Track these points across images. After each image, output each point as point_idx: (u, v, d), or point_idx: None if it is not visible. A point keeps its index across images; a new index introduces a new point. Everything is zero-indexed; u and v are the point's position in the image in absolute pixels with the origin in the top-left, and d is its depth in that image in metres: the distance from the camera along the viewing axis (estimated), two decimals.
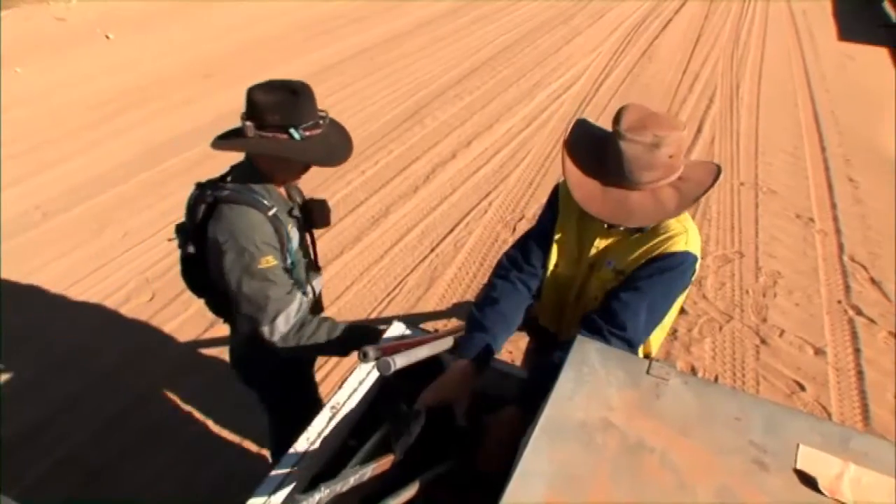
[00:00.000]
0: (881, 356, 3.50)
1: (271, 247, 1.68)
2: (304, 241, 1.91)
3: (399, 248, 4.17)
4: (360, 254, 4.10)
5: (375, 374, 1.56)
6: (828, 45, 9.69)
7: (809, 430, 1.17)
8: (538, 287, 1.68)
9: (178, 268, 3.62)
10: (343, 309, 3.62)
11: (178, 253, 1.84)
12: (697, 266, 1.53)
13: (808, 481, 1.09)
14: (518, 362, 3.24)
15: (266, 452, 2.72)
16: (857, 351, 3.53)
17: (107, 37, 8.11)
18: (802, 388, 3.25)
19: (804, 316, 3.77)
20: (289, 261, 1.77)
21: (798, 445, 1.13)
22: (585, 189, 1.42)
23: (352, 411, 1.53)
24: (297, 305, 1.73)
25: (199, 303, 3.52)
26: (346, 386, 1.54)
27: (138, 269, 3.91)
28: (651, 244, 1.49)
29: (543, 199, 4.91)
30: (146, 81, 6.80)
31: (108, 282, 3.80)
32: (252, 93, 1.62)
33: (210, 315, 2.00)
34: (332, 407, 1.50)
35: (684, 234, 1.48)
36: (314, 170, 1.81)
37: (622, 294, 1.49)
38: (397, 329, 1.74)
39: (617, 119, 1.41)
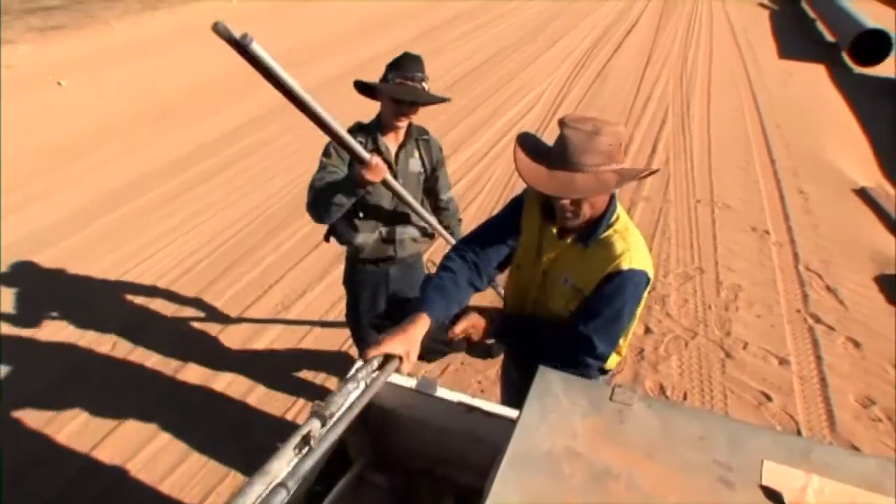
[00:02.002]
0: (841, 361, 3.58)
1: (338, 153, 2.28)
2: (399, 195, 2.33)
3: None
4: (327, 289, 4.07)
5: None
6: (769, 63, 10.08)
7: (772, 446, 1.19)
8: (489, 276, 1.82)
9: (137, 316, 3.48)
10: (320, 337, 3.59)
11: (137, 300, 1.83)
12: (648, 280, 1.61)
13: (774, 496, 1.10)
14: (487, 391, 3.24)
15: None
16: (818, 358, 3.60)
17: (59, 83, 8.00)
18: (769, 398, 3.30)
19: (766, 327, 3.84)
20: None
21: (762, 461, 1.15)
22: (534, 172, 1.54)
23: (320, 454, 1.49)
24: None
25: (164, 348, 3.47)
26: None
27: (72, 334, 3.78)
28: (600, 261, 1.59)
29: None
30: (101, 126, 6.71)
31: (67, 331, 3.69)
32: None
33: (177, 351, 1.95)
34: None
35: (628, 252, 1.57)
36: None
37: (586, 321, 1.60)
38: None
39: (564, 117, 1.58)
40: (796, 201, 5.48)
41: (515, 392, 1.85)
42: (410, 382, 1.55)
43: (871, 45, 9.70)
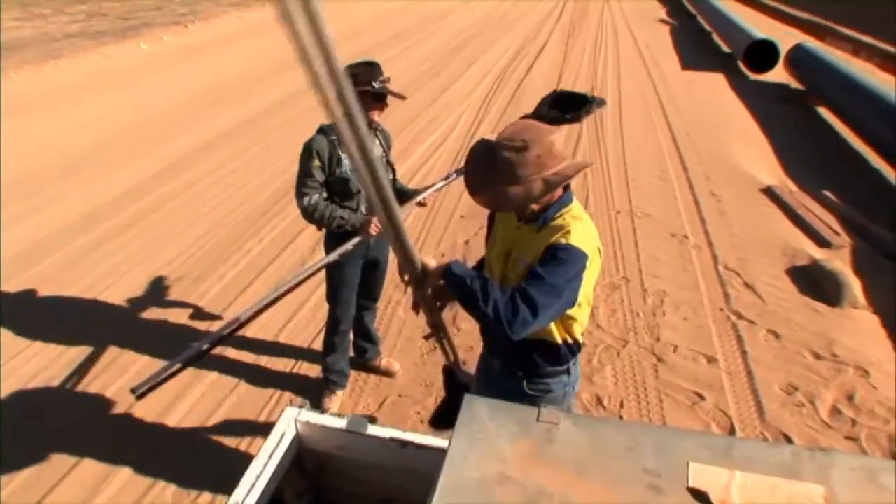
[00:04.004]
0: (764, 353, 3.75)
1: (320, 155, 2.81)
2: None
3: (295, 323, 4.06)
4: (263, 328, 3.95)
5: (273, 468, 1.48)
6: (674, 74, 10.62)
7: (697, 447, 1.22)
8: None
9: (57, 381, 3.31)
10: (270, 360, 3.48)
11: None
12: (585, 256, 1.70)
13: (701, 497, 1.13)
14: (426, 422, 3.21)
15: None
16: (744, 353, 3.76)
17: None
18: (702, 397, 3.40)
19: (693, 328, 3.98)
20: (339, 172, 2.85)
21: (688, 463, 1.18)
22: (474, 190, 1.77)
23: None
24: (319, 196, 2.84)
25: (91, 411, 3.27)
26: (244, 482, 1.45)
27: (23, 377, 3.56)
28: (546, 238, 1.74)
29: (434, 252, 4.91)
30: (4, 180, 6.36)
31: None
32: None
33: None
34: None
35: (568, 231, 1.73)
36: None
37: (527, 280, 1.66)
38: None
39: (500, 134, 1.77)
40: (710, 205, 5.74)
41: (497, 389, 1.87)
42: (340, 423, 1.52)
43: (762, 53, 10.37)
